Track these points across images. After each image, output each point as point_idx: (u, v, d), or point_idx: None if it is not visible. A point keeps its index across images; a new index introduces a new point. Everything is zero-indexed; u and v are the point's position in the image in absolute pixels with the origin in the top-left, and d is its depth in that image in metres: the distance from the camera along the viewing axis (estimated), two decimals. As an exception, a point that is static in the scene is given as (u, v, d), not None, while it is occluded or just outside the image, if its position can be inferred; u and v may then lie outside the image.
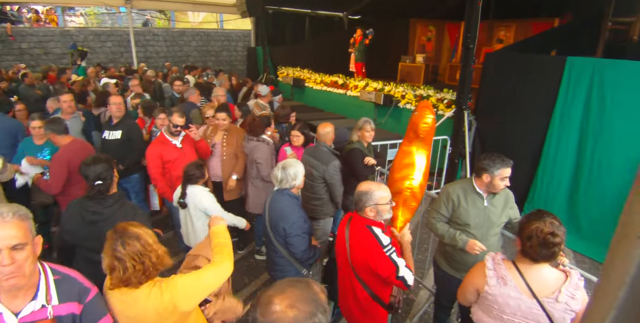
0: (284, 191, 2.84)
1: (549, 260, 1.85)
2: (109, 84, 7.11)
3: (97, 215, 2.49)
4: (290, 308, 1.11)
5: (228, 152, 4.38)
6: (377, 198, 2.24)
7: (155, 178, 3.97)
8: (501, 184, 2.58)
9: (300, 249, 2.75)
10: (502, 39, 10.37)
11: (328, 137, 3.81)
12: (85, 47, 15.41)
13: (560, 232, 1.79)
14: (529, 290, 1.85)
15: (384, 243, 2.21)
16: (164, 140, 4.03)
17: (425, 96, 6.96)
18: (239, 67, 17.90)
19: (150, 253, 1.76)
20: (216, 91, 6.17)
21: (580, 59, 4.80)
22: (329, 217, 3.95)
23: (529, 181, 5.31)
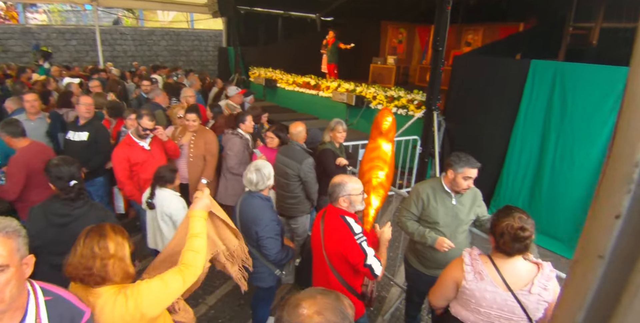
0: (255, 194, 2.80)
1: (522, 253, 1.93)
2: (72, 84, 6.83)
3: (67, 217, 2.42)
4: (318, 315, 1.13)
5: (195, 154, 4.30)
6: (349, 188, 2.35)
7: (122, 181, 3.85)
8: (464, 183, 2.63)
9: (274, 251, 2.74)
10: (470, 42, 10.64)
11: (300, 136, 3.81)
12: (48, 45, 14.85)
13: (529, 225, 1.89)
14: (504, 284, 1.92)
15: (355, 231, 2.29)
16: (131, 142, 3.92)
17: (396, 97, 7.05)
18: (210, 67, 17.68)
19: (101, 256, 1.70)
20: (185, 91, 6.04)
21: (543, 62, 4.99)
22: (306, 214, 3.95)
23: (495, 179, 5.47)
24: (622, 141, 0.44)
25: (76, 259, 1.68)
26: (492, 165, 5.38)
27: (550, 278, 1.91)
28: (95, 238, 1.72)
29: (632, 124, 0.43)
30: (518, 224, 1.88)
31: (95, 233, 1.75)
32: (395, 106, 6.97)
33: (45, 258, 2.45)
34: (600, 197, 0.46)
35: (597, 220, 0.46)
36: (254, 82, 12.30)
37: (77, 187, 2.46)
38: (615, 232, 0.43)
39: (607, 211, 0.44)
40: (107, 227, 1.80)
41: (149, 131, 3.90)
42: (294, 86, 10.18)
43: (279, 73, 11.16)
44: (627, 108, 0.43)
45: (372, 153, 3.30)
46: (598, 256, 0.45)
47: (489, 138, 5.54)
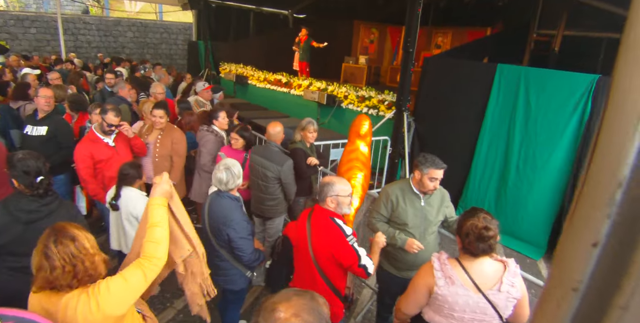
0: (224, 194, 2.73)
1: (487, 253, 1.96)
2: (28, 75, 6.44)
3: (35, 213, 2.31)
4: (295, 317, 1.12)
5: (161, 153, 4.16)
6: (337, 189, 2.35)
7: (86, 180, 3.70)
8: (430, 184, 2.67)
9: (247, 252, 2.69)
10: (440, 44, 10.85)
11: (278, 137, 3.77)
12: (5, 32, 14.09)
13: (493, 226, 1.94)
14: (474, 286, 1.94)
15: (347, 233, 2.31)
16: (94, 138, 3.75)
17: (367, 97, 7.10)
18: (179, 61, 17.25)
19: (84, 256, 1.64)
20: (155, 87, 5.77)
21: (509, 66, 5.14)
22: (283, 215, 3.94)
23: (463, 180, 5.60)
24: (603, 157, 0.40)
25: (57, 271, 1.58)
26: (459, 166, 5.51)
27: (516, 275, 1.96)
28: (69, 244, 1.64)
29: (615, 139, 0.39)
30: (482, 224, 1.93)
31: (64, 238, 1.66)
32: (366, 106, 7.02)
33: (4, 260, 2.33)
34: (576, 221, 0.43)
35: (572, 248, 0.43)
36: (224, 78, 12.09)
37: (45, 183, 2.35)
38: (592, 262, 0.39)
39: (584, 238, 0.41)
40: (69, 228, 1.72)
41: (114, 127, 3.74)
42: (265, 83, 10.07)
43: (250, 70, 11.01)
44: (609, 120, 0.39)
45: (351, 154, 3.38)
46: (572, 289, 0.42)
47: (456, 139, 5.67)
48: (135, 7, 20.80)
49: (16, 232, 2.27)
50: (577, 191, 0.44)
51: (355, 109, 7.24)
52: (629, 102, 0.39)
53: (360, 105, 7.15)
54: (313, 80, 8.82)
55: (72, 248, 1.63)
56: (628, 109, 0.39)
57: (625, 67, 0.39)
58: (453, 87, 5.64)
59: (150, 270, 1.79)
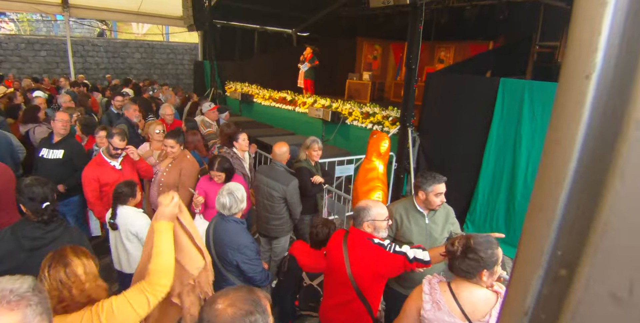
0: (229, 218, 2.70)
1: (467, 277, 1.85)
2: (37, 98, 6.54)
3: (39, 240, 2.31)
4: (230, 307, 1.25)
5: (166, 182, 4.00)
6: (374, 214, 2.33)
7: (92, 202, 3.75)
8: (437, 201, 2.67)
9: (258, 271, 2.69)
10: (443, 59, 10.95)
11: (284, 157, 3.79)
12: (16, 56, 14.44)
13: (479, 246, 1.79)
14: (463, 314, 1.85)
15: (385, 244, 2.29)
16: (101, 162, 3.81)
17: (371, 113, 7.13)
18: (186, 81, 17.52)
19: (72, 284, 1.65)
20: (164, 108, 5.75)
21: (512, 80, 5.16)
22: (288, 234, 3.93)
23: (470, 194, 5.56)
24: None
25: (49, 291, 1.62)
26: (466, 181, 5.48)
27: None
28: (60, 270, 1.67)
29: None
30: (465, 242, 1.84)
31: (58, 263, 1.69)
32: (370, 122, 7.05)
33: None
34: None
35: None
36: (230, 96, 12.23)
37: (50, 209, 2.37)
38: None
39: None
40: (67, 252, 1.75)
41: (120, 150, 3.80)
42: (270, 101, 10.17)
43: (256, 88, 11.14)
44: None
45: (369, 173, 3.37)
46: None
47: (462, 153, 5.65)
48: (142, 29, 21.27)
49: (20, 259, 2.27)
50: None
51: (360, 125, 7.27)
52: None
53: (365, 121, 7.17)
54: (317, 97, 8.89)
55: (61, 274, 1.65)
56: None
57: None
58: (456, 102, 5.66)
59: (153, 296, 1.79)
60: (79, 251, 1.76)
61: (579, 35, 0.41)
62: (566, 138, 0.42)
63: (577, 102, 0.41)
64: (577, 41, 0.41)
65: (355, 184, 3.43)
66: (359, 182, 3.44)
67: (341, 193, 4.82)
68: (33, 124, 5.31)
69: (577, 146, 0.41)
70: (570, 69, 0.42)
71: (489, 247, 1.80)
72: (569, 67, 0.42)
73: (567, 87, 0.43)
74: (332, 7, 11.85)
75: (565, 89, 0.43)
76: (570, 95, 0.42)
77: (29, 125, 5.33)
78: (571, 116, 0.42)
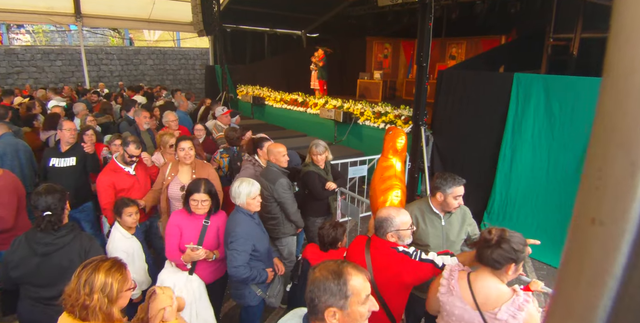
0: (239, 209, 2.85)
1: (495, 267, 1.89)
2: (54, 108, 6.70)
3: (50, 246, 2.37)
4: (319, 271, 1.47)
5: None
6: (397, 224, 2.27)
7: (106, 208, 3.74)
8: (454, 203, 2.61)
9: (232, 264, 2.69)
10: (455, 55, 10.79)
11: (279, 157, 3.72)
12: (32, 66, 14.76)
13: (511, 239, 1.85)
14: (474, 302, 1.91)
15: (410, 253, 2.23)
16: (116, 168, 3.84)
17: (383, 112, 7.07)
18: (198, 85, 17.67)
19: (83, 292, 1.69)
20: (167, 115, 5.51)
21: (525, 75, 5.05)
22: (290, 236, 3.86)
23: (487, 193, 5.45)
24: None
25: (69, 289, 1.71)
26: (482, 179, 5.38)
27: (523, 308, 1.83)
28: (86, 272, 1.72)
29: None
30: (492, 232, 1.91)
31: (90, 267, 1.75)
32: (383, 121, 6.99)
33: (28, 291, 2.40)
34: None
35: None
36: (241, 100, 12.29)
37: (47, 219, 2.39)
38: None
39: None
40: (105, 263, 1.78)
41: (135, 157, 3.84)
42: (282, 103, 10.18)
43: (267, 90, 11.16)
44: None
45: (387, 171, 3.26)
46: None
47: (477, 151, 5.55)
48: (154, 36, 21.52)
49: (33, 264, 2.34)
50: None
51: (372, 125, 7.22)
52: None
53: (377, 121, 7.12)
54: (328, 98, 8.86)
55: (82, 280, 1.71)
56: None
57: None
58: (470, 98, 5.56)
59: None
60: (116, 268, 1.78)
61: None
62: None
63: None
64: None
65: (373, 183, 3.33)
66: (376, 180, 3.34)
67: (355, 195, 4.76)
68: (54, 130, 5.44)
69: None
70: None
71: (522, 242, 1.86)
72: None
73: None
74: (341, 7, 11.83)
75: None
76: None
77: (50, 132, 5.54)
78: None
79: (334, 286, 1.40)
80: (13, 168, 4.51)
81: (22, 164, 4.62)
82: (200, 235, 2.88)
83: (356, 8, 11.86)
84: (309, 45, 13.72)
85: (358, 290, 1.42)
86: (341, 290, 1.40)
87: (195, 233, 2.89)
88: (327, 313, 1.41)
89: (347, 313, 1.42)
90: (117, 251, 2.92)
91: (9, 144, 4.53)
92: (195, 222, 2.91)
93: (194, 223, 2.91)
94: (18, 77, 14.50)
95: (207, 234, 2.91)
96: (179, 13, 12.89)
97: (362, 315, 1.45)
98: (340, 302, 1.40)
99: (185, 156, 3.66)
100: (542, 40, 7.90)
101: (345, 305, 1.41)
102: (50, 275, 2.33)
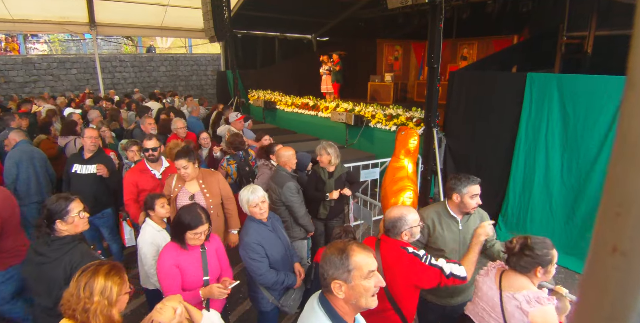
0: (250, 217, 2.86)
1: (523, 271, 2.04)
2: (73, 114, 6.85)
3: (42, 256, 2.33)
4: (328, 248, 1.62)
5: (215, 202, 3.62)
6: (410, 221, 2.33)
7: (128, 204, 3.84)
8: (472, 203, 2.56)
9: (257, 273, 2.71)
10: (466, 56, 10.71)
11: (287, 160, 3.74)
12: (49, 75, 15.08)
13: (534, 245, 1.99)
14: (499, 288, 2.10)
15: (420, 255, 2.26)
16: (143, 168, 3.95)
17: (394, 115, 7.04)
18: (209, 91, 17.84)
19: (83, 297, 1.71)
20: (175, 122, 5.41)
21: (539, 75, 4.97)
22: (300, 240, 3.85)
23: (502, 195, 5.37)
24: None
25: (68, 294, 1.71)
26: (496, 181, 5.31)
27: (541, 303, 1.92)
28: (85, 276, 1.73)
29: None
30: (524, 241, 2.04)
31: (89, 271, 1.76)
32: (394, 124, 6.95)
33: (35, 298, 2.45)
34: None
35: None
36: (253, 104, 12.36)
37: (40, 230, 2.37)
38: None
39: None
40: (103, 267, 1.78)
41: (151, 150, 3.95)
42: (293, 107, 10.21)
43: (278, 95, 11.22)
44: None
45: (398, 172, 3.27)
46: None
47: (490, 152, 5.48)
48: (166, 43, 21.82)
49: (30, 271, 2.37)
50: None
51: (383, 128, 7.19)
52: None
53: (388, 123, 7.08)
54: (339, 101, 8.86)
55: (81, 284, 1.73)
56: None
57: None
58: (482, 99, 5.49)
59: None
60: (114, 272, 1.78)
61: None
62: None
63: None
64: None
65: (384, 184, 3.32)
66: (387, 181, 3.33)
67: (367, 198, 4.74)
68: (73, 136, 5.61)
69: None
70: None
71: (545, 247, 1.99)
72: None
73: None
74: (350, 10, 11.85)
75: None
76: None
77: (69, 137, 5.68)
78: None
79: (338, 260, 1.52)
80: (29, 175, 4.60)
81: (37, 172, 4.69)
82: (202, 264, 2.56)
83: (366, 11, 11.87)
84: (319, 49, 13.77)
85: (360, 264, 1.52)
86: (344, 264, 1.51)
87: (196, 264, 2.54)
88: (334, 285, 1.51)
89: (351, 286, 1.52)
90: (146, 244, 2.94)
91: (25, 152, 4.60)
92: (192, 253, 2.55)
93: (191, 255, 2.53)
94: (35, 86, 14.82)
95: (209, 260, 2.60)
96: (190, 20, 13.07)
97: (367, 289, 1.53)
98: (344, 275, 1.51)
99: (183, 175, 3.48)
100: (555, 38, 7.78)
101: (348, 278, 1.51)
102: (43, 285, 2.31)
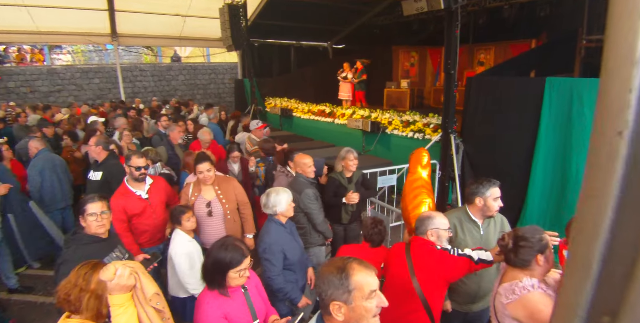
0: (272, 218, 2.95)
1: (525, 266, 1.92)
2: (97, 122, 7.02)
3: (59, 258, 2.54)
4: (325, 266, 1.54)
5: (232, 208, 3.66)
6: (437, 223, 2.39)
7: (120, 234, 3.30)
8: (495, 205, 2.59)
9: (267, 274, 2.77)
10: (483, 61, 10.63)
11: (305, 168, 3.79)
12: (72, 84, 15.53)
13: (525, 234, 1.92)
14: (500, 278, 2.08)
15: (449, 248, 2.32)
16: (125, 191, 3.51)
17: (411, 121, 7.03)
18: (227, 99, 18.08)
19: (79, 284, 1.82)
20: (203, 134, 5.45)
21: (558, 79, 4.91)
22: (318, 246, 3.89)
23: (521, 201, 5.30)
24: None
25: (63, 283, 1.82)
26: (515, 186, 5.24)
27: (515, 292, 1.86)
28: (84, 269, 1.84)
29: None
30: (501, 240, 2.04)
31: (88, 264, 1.87)
32: (411, 130, 6.95)
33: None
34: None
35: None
36: (270, 112, 12.49)
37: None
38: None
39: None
40: (101, 264, 1.87)
41: (143, 169, 3.54)
42: (310, 115, 10.28)
43: (294, 102, 11.31)
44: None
45: (416, 182, 3.35)
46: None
47: (509, 158, 5.42)
48: (185, 52, 22.22)
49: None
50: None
51: (400, 134, 7.18)
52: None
53: (405, 130, 7.08)
54: (356, 108, 8.89)
55: (81, 272, 1.87)
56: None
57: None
58: (500, 105, 5.44)
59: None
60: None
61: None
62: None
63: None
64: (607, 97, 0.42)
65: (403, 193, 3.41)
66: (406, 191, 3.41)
67: (384, 204, 4.75)
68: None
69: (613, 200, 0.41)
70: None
71: (537, 232, 1.93)
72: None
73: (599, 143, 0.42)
74: (366, 17, 11.92)
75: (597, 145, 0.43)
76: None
77: (90, 145, 5.77)
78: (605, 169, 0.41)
79: (337, 280, 1.41)
80: (52, 182, 4.79)
81: (60, 178, 4.89)
82: (249, 308, 2.22)
83: (381, 18, 11.94)
84: (335, 56, 13.85)
85: (361, 284, 1.41)
86: (343, 284, 1.40)
87: (243, 310, 2.19)
88: (332, 306, 1.41)
89: (352, 307, 1.41)
90: (179, 255, 2.99)
91: (47, 160, 4.79)
92: (235, 298, 2.18)
93: (235, 300, 2.17)
94: (59, 95, 15.26)
95: (254, 301, 2.27)
96: (208, 29, 13.32)
97: (368, 310, 1.42)
98: (344, 296, 1.40)
99: (204, 178, 3.52)
100: (574, 42, 7.70)
101: (349, 299, 1.41)
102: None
